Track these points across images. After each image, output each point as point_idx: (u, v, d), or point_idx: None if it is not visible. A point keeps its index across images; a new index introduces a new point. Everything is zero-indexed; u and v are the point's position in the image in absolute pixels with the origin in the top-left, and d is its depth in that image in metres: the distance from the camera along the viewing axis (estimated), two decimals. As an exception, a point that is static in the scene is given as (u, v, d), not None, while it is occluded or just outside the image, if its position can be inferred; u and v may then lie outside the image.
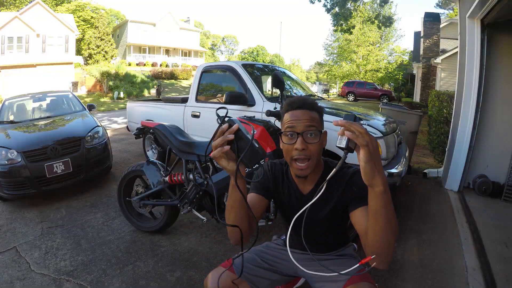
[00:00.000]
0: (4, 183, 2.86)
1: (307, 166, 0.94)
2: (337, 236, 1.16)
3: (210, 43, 51.92)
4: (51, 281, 1.80)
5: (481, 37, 2.90)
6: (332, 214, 1.05)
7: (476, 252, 2.02)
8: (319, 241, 1.13)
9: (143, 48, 29.73)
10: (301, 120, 0.93)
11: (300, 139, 0.92)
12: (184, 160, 2.09)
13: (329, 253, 1.15)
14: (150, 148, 4.41)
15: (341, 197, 1.00)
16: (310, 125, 0.93)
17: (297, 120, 0.94)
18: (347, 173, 1.01)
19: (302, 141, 0.92)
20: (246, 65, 3.29)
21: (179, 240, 2.26)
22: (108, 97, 18.43)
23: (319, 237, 1.12)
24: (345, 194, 0.99)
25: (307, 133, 0.93)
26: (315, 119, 0.95)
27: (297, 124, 0.93)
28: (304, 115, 0.94)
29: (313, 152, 0.94)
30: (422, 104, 11.53)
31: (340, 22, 12.38)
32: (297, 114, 0.94)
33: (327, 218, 1.06)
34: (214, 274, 1.05)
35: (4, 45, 17.42)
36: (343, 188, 1.00)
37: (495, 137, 3.08)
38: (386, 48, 24.88)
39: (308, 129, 0.93)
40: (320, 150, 0.96)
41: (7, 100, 4.28)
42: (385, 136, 2.28)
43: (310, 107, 0.96)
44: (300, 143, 0.92)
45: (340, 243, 1.17)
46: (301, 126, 0.93)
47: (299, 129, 0.93)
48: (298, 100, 0.97)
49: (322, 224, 1.08)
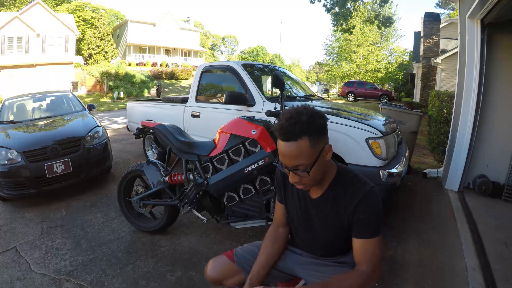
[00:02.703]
0: (4, 183, 2.86)
1: (305, 188, 0.96)
2: (337, 242, 1.10)
3: (210, 43, 51.94)
4: (51, 281, 1.80)
5: (481, 37, 2.90)
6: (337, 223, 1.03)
7: (476, 252, 2.02)
8: (319, 245, 1.11)
9: (143, 48, 29.73)
10: (287, 157, 0.89)
11: (291, 174, 0.92)
12: (184, 160, 2.09)
13: (328, 258, 1.12)
14: (150, 148, 4.40)
15: (350, 215, 0.96)
16: (296, 164, 0.89)
17: (284, 156, 0.90)
18: (360, 192, 0.95)
19: (293, 175, 0.92)
20: (246, 65, 3.29)
21: (179, 240, 2.26)
22: (108, 97, 18.43)
23: (319, 242, 1.10)
24: (353, 215, 0.95)
25: (295, 170, 0.91)
26: (302, 153, 0.87)
27: (285, 160, 0.91)
28: (289, 151, 0.87)
29: (307, 181, 0.93)
30: (422, 104, 11.52)
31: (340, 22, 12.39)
32: (284, 149, 0.88)
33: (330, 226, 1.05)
34: (215, 261, 1.08)
35: (4, 45, 17.42)
36: (353, 208, 0.95)
37: (495, 137, 3.08)
38: (386, 48, 24.86)
39: (295, 167, 0.90)
40: (318, 173, 0.93)
41: (7, 100, 4.27)
42: (385, 136, 2.28)
43: (296, 137, 0.86)
44: (291, 178, 0.93)
45: (341, 251, 1.14)
46: (289, 163, 0.90)
47: (288, 165, 0.90)
48: (285, 126, 0.87)
49: (324, 231, 1.07)
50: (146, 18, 29.97)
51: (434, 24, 13.04)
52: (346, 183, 0.98)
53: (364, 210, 0.92)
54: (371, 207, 0.93)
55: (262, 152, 1.79)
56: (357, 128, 2.30)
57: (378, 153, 2.21)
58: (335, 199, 0.97)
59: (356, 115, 2.63)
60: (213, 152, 1.97)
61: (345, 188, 0.98)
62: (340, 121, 2.35)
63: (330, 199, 1.00)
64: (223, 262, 1.12)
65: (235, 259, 1.12)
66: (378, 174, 2.16)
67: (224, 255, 1.15)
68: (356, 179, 0.98)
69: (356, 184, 0.96)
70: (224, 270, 1.10)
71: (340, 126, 2.31)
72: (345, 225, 0.98)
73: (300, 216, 1.09)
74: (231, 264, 1.11)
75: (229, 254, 1.15)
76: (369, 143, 2.22)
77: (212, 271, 1.09)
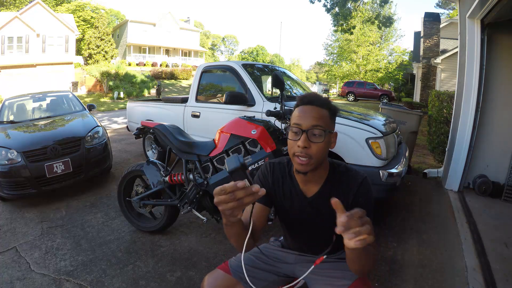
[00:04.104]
0: (4, 183, 2.86)
1: (307, 162, 0.91)
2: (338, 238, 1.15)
3: (210, 43, 51.93)
4: (51, 281, 1.80)
5: (481, 37, 2.90)
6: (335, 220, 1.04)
7: (476, 252, 2.02)
8: (317, 244, 1.11)
9: (143, 48, 29.73)
10: (308, 117, 0.90)
11: (304, 137, 0.89)
12: (184, 160, 2.09)
13: (328, 256, 1.14)
14: (150, 148, 4.41)
15: (352, 202, 0.96)
16: (316, 124, 0.89)
17: (304, 116, 0.91)
18: (357, 179, 0.97)
19: (306, 138, 0.89)
20: (246, 65, 3.29)
21: (179, 240, 2.26)
22: (108, 97, 18.44)
23: (318, 241, 1.10)
24: (354, 200, 0.96)
25: (311, 131, 0.89)
26: (323, 118, 0.91)
27: (304, 121, 0.90)
28: (312, 112, 0.91)
29: (315, 152, 0.90)
30: (422, 104, 11.51)
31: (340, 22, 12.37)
32: (305, 110, 0.91)
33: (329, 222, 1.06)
34: (211, 276, 1.05)
35: (4, 45, 17.43)
36: (354, 193, 0.96)
37: (495, 137, 3.08)
38: (386, 48, 24.88)
39: (313, 127, 0.89)
40: (324, 151, 0.92)
41: (7, 100, 4.28)
42: (385, 136, 2.28)
43: (320, 104, 0.92)
44: (302, 141, 0.89)
45: (339, 247, 1.16)
46: (307, 123, 0.89)
47: (305, 126, 0.89)
48: (309, 95, 0.95)
49: (321, 228, 1.07)
50: (146, 18, 29.97)
51: (434, 24, 13.05)
52: (340, 174, 1.01)
53: (364, 193, 0.97)
54: (369, 191, 0.98)
55: (262, 152, 1.79)
56: (357, 128, 2.30)
57: (378, 153, 2.21)
58: (331, 193, 0.96)
59: (356, 115, 2.63)
60: (213, 152, 1.97)
61: (340, 179, 1.00)
62: (340, 121, 2.35)
63: (326, 194, 0.99)
64: (219, 276, 1.05)
65: (231, 271, 1.06)
66: (378, 174, 2.16)
67: (219, 269, 1.08)
68: (349, 168, 1.03)
69: (350, 172, 1.00)
70: (222, 285, 1.03)
71: (340, 126, 2.31)
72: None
73: (295, 216, 1.07)
74: (228, 277, 1.05)
75: (224, 267, 1.09)
76: (369, 143, 2.22)
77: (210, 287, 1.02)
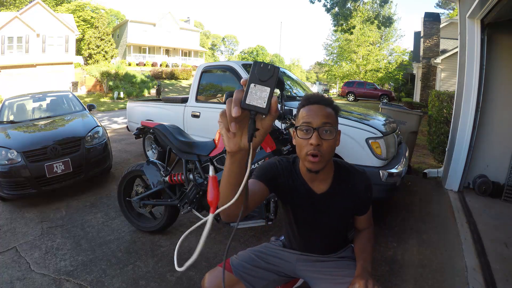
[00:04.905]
0: (4, 183, 2.86)
1: (319, 160, 0.93)
2: (339, 237, 1.17)
3: (210, 43, 51.92)
4: (51, 281, 1.80)
5: (481, 37, 2.90)
6: (342, 217, 1.09)
7: (476, 252, 2.02)
8: (322, 243, 1.13)
9: (143, 48, 29.72)
10: (318, 115, 0.93)
11: (316, 134, 0.91)
12: (184, 160, 2.09)
13: (329, 255, 1.14)
14: (150, 148, 4.41)
15: (361, 197, 1.06)
16: (326, 121, 0.92)
17: (314, 115, 0.93)
18: (364, 176, 1.07)
19: (317, 136, 0.91)
20: (246, 65, 3.29)
21: (179, 240, 2.25)
22: (108, 97, 18.43)
23: (323, 239, 1.12)
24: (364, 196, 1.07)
25: (323, 129, 0.92)
26: (331, 116, 0.95)
27: (314, 119, 0.93)
28: (320, 110, 0.94)
29: (326, 149, 0.93)
30: (422, 104, 11.51)
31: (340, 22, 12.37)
32: (314, 109, 0.94)
33: (336, 220, 1.08)
34: (211, 274, 1.05)
35: (4, 45, 17.42)
36: (363, 189, 1.06)
37: (495, 137, 3.08)
38: (386, 48, 24.87)
39: (324, 125, 0.92)
40: (334, 148, 0.96)
41: (7, 100, 4.27)
42: (385, 136, 2.28)
43: (327, 103, 0.97)
44: (315, 138, 0.91)
45: (341, 245, 1.17)
46: (317, 121, 0.92)
47: (315, 124, 0.92)
48: (316, 95, 0.99)
49: (328, 226, 1.09)
50: (146, 18, 29.95)
51: (434, 24, 13.04)
52: (347, 172, 1.07)
53: (370, 190, 1.08)
54: (372, 187, 1.09)
55: (262, 152, 1.79)
56: (357, 128, 2.30)
57: (378, 153, 2.21)
58: (340, 191, 1.03)
59: (356, 115, 2.63)
60: (213, 152, 1.97)
61: (348, 176, 1.06)
62: (340, 121, 2.30)
63: (336, 192, 1.04)
64: (219, 274, 1.04)
65: (233, 269, 1.07)
66: (378, 174, 2.16)
67: (220, 267, 1.07)
68: (353, 166, 1.10)
69: (355, 170, 1.08)
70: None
71: (340, 126, 2.28)
72: (349, 212, 1.09)
73: (303, 213, 1.07)
74: (229, 274, 1.05)
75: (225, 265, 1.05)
76: (369, 143, 2.22)
77: (210, 285, 1.02)
